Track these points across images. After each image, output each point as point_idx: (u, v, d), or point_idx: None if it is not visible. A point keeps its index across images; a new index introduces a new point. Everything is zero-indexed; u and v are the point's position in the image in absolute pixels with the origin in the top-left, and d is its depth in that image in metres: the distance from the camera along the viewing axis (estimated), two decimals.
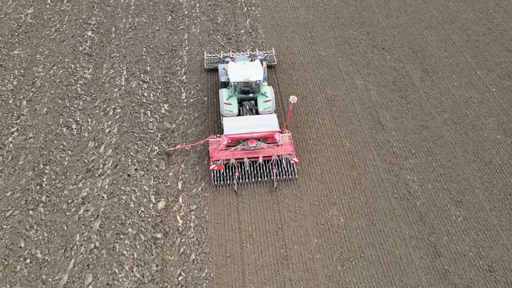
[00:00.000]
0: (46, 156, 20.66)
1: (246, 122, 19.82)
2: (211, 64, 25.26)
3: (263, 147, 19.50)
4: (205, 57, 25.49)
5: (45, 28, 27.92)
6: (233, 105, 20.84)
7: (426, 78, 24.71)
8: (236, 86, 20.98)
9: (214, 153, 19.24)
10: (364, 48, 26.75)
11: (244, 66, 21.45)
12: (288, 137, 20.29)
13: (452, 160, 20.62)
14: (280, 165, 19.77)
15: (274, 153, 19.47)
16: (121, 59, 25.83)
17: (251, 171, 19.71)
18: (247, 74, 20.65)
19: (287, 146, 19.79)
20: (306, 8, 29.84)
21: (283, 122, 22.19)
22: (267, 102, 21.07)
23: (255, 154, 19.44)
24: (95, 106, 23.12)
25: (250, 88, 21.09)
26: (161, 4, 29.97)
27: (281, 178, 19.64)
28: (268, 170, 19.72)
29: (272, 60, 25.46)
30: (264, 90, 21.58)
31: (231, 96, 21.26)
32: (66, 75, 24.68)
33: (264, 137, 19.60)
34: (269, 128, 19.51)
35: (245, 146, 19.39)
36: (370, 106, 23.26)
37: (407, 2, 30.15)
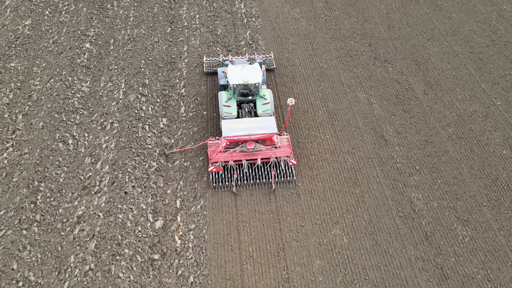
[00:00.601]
0: (41, 173, 20.02)
1: (245, 124, 19.91)
2: (210, 68, 25.14)
3: (261, 149, 19.48)
4: (205, 61, 25.39)
5: (42, 40, 27.37)
6: (232, 107, 20.87)
7: (429, 91, 24.12)
8: (235, 88, 21.10)
9: (213, 155, 19.17)
10: (366, 60, 26.18)
11: (243, 69, 21.45)
12: (286, 139, 20.18)
13: (457, 177, 19.96)
14: (279, 167, 19.71)
15: (273, 155, 19.41)
16: (120, 71, 25.25)
17: (249, 173, 19.64)
18: (246, 77, 20.76)
19: (285, 148, 19.71)
20: (307, 19, 29.32)
21: (281, 125, 22.01)
22: (266, 104, 21.10)
23: (253, 156, 19.42)
24: (92, 120, 22.50)
25: (249, 91, 21.28)
26: (161, 15, 29.46)
27: (279, 179, 19.59)
28: (267, 172, 19.70)
29: (271, 64, 25.32)
30: (263, 92, 21.59)
31: (230, 98, 21.29)
32: (63, 88, 24.09)
33: (262, 139, 19.64)
34: (267, 130, 19.57)
35: (244, 148, 19.39)
36: (372, 120, 22.64)
37: (409, 14, 29.64)
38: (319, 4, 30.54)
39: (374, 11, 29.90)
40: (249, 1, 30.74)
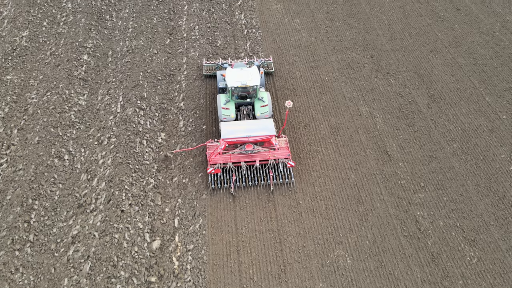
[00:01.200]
0: (36, 190, 19.34)
1: (243, 127, 19.90)
2: (209, 71, 25.03)
3: (259, 151, 19.42)
4: (204, 64, 25.25)
5: (40, 52, 26.78)
6: (230, 109, 20.89)
7: (433, 105, 23.48)
8: (234, 91, 21.12)
9: (211, 156, 19.14)
10: (368, 72, 25.57)
11: (241, 71, 21.46)
12: (284, 142, 20.13)
13: (463, 194, 19.28)
14: (277, 169, 19.67)
15: (271, 157, 19.34)
16: (117, 84, 24.64)
17: (248, 174, 19.59)
18: (244, 79, 20.80)
19: (283, 150, 19.68)
20: (308, 30, 28.75)
21: (280, 127, 21.89)
22: (264, 107, 21.11)
23: (252, 158, 19.38)
24: (89, 135, 21.84)
25: (247, 93, 21.22)
26: (160, 27, 28.90)
27: (277, 181, 19.52)
28: (265, 174, 19.65)
29: (270, 67, 25.26)
30: (261, 95, 21.56)
31: (228, 101, 21.31)
32: (60, 101, 23.47)
33: (261, 141, 19.61)
34: (265, 132, 19.55)
35: (242, 150, 19.30)
36: (375, 135, 21.98)
37: (411, 25, 29.08)
38: (320, 15, 30.00)
39: (375, 22, 29.35)
40: (249, 12, 30.21)
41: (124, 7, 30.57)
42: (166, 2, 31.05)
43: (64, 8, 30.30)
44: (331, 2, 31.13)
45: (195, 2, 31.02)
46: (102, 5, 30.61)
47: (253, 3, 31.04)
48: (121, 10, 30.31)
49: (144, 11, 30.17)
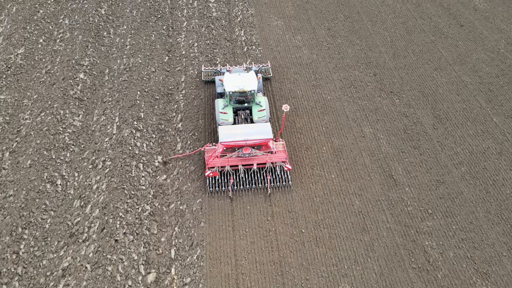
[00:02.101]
0: (26, 218, 18.28)
1: (241, 130, 19.94)
2: (208, 77, 25.10)
3: (257, 154, 19.34)
4: (203, 70, 25.30)
5: (35, 70, 25.88)
6: (228, 114, 20.92)
7: (439, 126, 22.51)
8: (232, 95, 21.20)
9: (209, 160, 19.07)
10: (371, 91, 24.64)
11: (239, 76, 21.58)
12: (282, 145, 20.06)
13: (473, 222, 18.23)
14: (274, 172, 19.55)
15: (268, 160, 19.27)
16: (114, 104, 23.69)
17: (245, 178, 19.45)
18: (242, 84, 20.92)
19: (280, 153, 19.60)
20: (309, 47, 27.89)
21: (277, 131, 21.93)
22: (262, 111, 21.14)
23: (249, 161, 19.30)
24: (83, 158, 20.84)
25: (245, 98, 21.32)
26: (158, 44, 28.03)
27: (274, 184, 19.35)
28: (263, 177, 19.48)
29: (267, 73, 25.21)
30: (259, 100, 21.59)
31: (226, 105, 21.40)
32: (54, 122, 22.50)
33: (258, 144, 19.56)
34: (263, 136, 19.54)
35: (240, 153, 19.26)
36: (380, 158, 20.98)
37: (414, 41, 28.21)
38: (321, 31, 29.16)
39: (378, 39, 28.49)
40: (249, 28, 29.38)
41: (122, 23, 29.75)
42: (165, 18, 30.24)
43: (61, 25, 29.48)
44: (332, 18, 30.32)
45: (194, 18, 30.21)
46: (99, 21, 29.79)
47: (253, 19, 30.23)
48: (119, 26, 29.48)
49: (142, 27, 29.34)
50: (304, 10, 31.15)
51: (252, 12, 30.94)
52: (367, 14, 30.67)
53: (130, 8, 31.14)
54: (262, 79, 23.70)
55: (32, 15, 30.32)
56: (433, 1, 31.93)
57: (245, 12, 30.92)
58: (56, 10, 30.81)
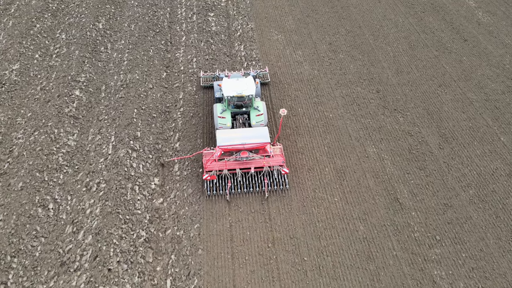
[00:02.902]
0: (16, 245, 17.31)
1: (239, 134, 19.92)
2: (206, 82, 25.04)
3: (254, 158, 19.25)
4: (201, 76, 25.26)
5: (30, 87, 25.05)
6: (226, 118, 20.99)
7: (445, 145, 21.61)
8: (230, 100, 21.19)
9: (207, 163, 19.04)
10: (374, 109, 23.78)
11: (237, 81, 21.63)
12: (279, 149, 19.99)
13: (484, 250, 17.26)
14: (272, 176, 19.49)
15: (266, 164, 19.19)
16: (110, 122, 22.82)
17: (243, 181, 19.40)
18: (240, 89, 20.94)
19: (278, 157, 19.53)
20: (310, 62, 27.08)
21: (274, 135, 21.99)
22: (260, 116, 21.16)
23: (247, 165, 19.22)
24: (77, 181, 19.91)
25: (243, 103, 21.33)
26: (156, 59, 27.22)
27: (272, 188, 19.27)
28: (260, 181, 19.42)
29: (265, 78, 25.20)
30: (257, 104, 21.63)
31: (224, 110, 21.43)
32: (47, 142, 21.61)
33: (255, 148, 19.57)
34: (260, 140, 19.59)
35: (238, 157, 19.17)
36: (385, 180, 20.06)
37: (417, 57, 27.41)
38: (322, 46, 28.37)
39: (380, 54, 27.69)
40: (249, 43, 28.60)
41: (120, 38, 28.98)
42: (163, 33, 29.48)
43: (58, 39, 28.70)
44: (333, 33, 29.56)
45: (193, 33, 29.45)
46: (97, 35, 29.03)
47: (253, 34, 29.47)
48: (116, 41, 28.71)
49: (140, 42, 28.55)
50: (304, 24, 30.41)
51: (252, 26, 30.20)
52: (369, 28, 29.92)
53: (128, 22, 30.40)
54: (260, 84, 23.77)
55: (29, 29, 29.56)
56: (435, 15, 31.21)
57: (245, 26, 30.18)
58: (53, 25, 30.06)
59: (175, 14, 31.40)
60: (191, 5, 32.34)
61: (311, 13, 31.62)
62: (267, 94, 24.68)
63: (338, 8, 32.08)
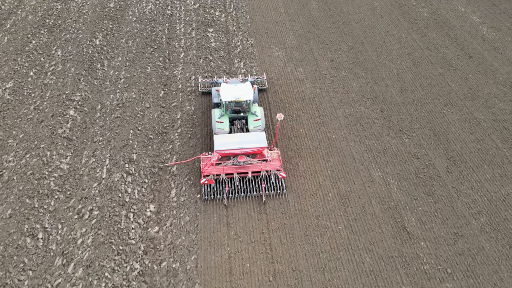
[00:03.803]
0: (2, 279, 16.17)
1: (236, 139, 19.87)
2: (205, 88, 24.95)
3: (252, 163, 19.25)
4: (200, 81, 25.11)
5: (23, 106, 24.06)
6: (224, 123, 20.96)
7: (453, 169, 20.55)
8: (228, 105, 21.23)
9: (204, 168, 18.93)
10: (378, 129, 22.76)
11: (235, 87, 21.64)
12: (276, 154, 19.94)
13: (498, 284, 16.11)
14: (269, 180, 19.43)
15: (263, 168, 19.15)
16: (105, 144, 21.78)
17: (240, 186, 19.36)
18: (238, 94, 20.98)
19: (275, 161, 19.46)
20: (312, 80, 26.12)
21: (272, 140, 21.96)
22: (257, 121, 21.22)
23: (244, 169, 19.20)
24: (69, 207, 18.81)
25: (241, 108, 21.33)
26: (154, 77, 26.27)
27: (269, 193, 19.20)
28: (257, 185, 19.39)
29: (263, 84, 25.17)
30: (254, 110, 21.66)
31: (222, 115, 21.41)
32: (39, 165, 20.57)
33: (253, 153, 19.53)
34: (258, 144, 19.53)
35: (235, 162, 19.15)
36: (391, 206, 18.97)
37: (422, 74, 26.46)
38: (324, 63, 27.44)
39: (384, 71, 26.75)
40: (249, 59, 27.67)
41: (117, 54, 28.06)
42: (162, 49, 28.57)
43: (54, 56, 27.78)
44: (335, 49, 28.65)
45: (192, 49, 28.54)
46: (94, 52, 28.12)
47: (253, 50, 28.56)
48: (113, 58, 27.78)
49: (137, 59, 27.64)
50: (306, 40, 29.52)
51: (252, 42, 29.31)
52: (371, 45, 29.02)
53: (126, 38, 29.52)
54: (257, 90, 23.84)
55: (24, 45, 28.69)
56: (439, 30, 30.34)
57: (244, 42, 29.28)
58: (49, 41, 29.17)
59: (174, 30, 30.54)
60: (190, 21, 31.50)
61: (312, 28, 30.77)
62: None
63: (340, 23, 31.23)
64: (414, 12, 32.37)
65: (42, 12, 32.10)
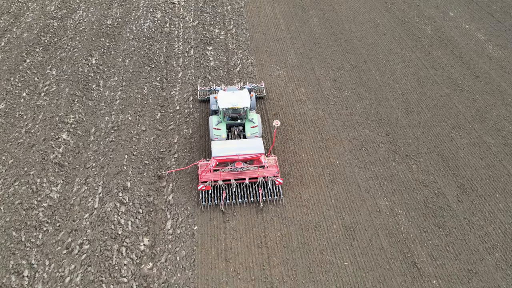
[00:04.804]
0: None
1: (233, 145, 19.83)
2: (203, 95, 24.89)
3: (249, 169, 19.09)
4: (199, 89, 25.14)
5: (14, 129, 22.91)
6: (222, 130, 20.89)
7: (463, 198, 19.33)
8: (225, 112, 21.17)
9: (202, 173, 18.75)
10: (384, 154, 21.58)
11: (232, 94, 21.63)
12: (273, 160, 19.82)
13: None
14: (266, 186, 19.24)
15: (260, 174, 18.95)
16: (98, 170, 20.59)
17: (238, 192, 19.15)
18: (235, 101, 20.97)
19: (272, 168, 19.34)
20: (314, 101, 25.00)
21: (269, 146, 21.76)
22: (254, 127, 21.12)
23: (241, 176, 19.01)
24: (58, 241, 17.54)
25: (238, 115, 21.29)
26: (151, 97, 25.16)
27: (266, 199, 19.00)
28: (254, 191, 19.20)
29: (261, 92, 25.04)
30: (252, 117, 21.61)
31: (220, 122, 21.30)
32: (28, 194, 19.35)
33: (250, 159, 19.43)
34: (255, 151, 19.46)
35: (232, 168, 19.05)
36: (400, 239, 17.70)
37: (427, 95, 25.35)
38: (326, 83, 26.35)
39: (388, 91, 25.64)
40: (249, 79, 26.48)
41: (113, 74, 26.99)
42: (159, 68, 27.52)
43: (48, 76, 26.71)
44: (337, 68, 27.59)
45: (190, 68, 27.48)
46: (89, 71, 27.05)
47: (253, 69, 27.49)
48: (109, 77, 26.70)
49: (134, 78, 26.56)
50: (307, 59, 28.47)
51: (252, 61, 28.27)
52: (375, 64, 27.97)
53: (122, 57, 28.48)
54: (255, 97, 23.63)
55: (18, 64, 27.64)
56: (443, 48, 29.31)
57: (244, 61, 28.23)
58: (44, 60, 28.13)
59: (172, 48, 29.52)
60: (189, 38, 30.50)
61: (313, 46, 29.75)
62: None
63: (342, 41, 30.23)
64: (417, 30, 31.40)
65: (38, 30, 31.13)
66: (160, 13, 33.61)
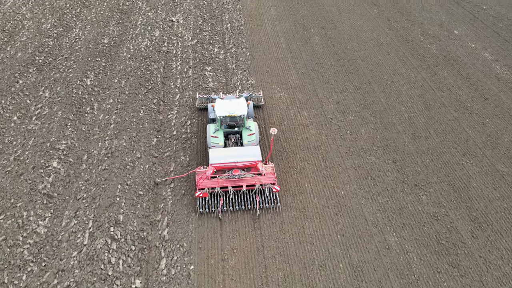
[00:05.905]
0: None
1: (231, 153, 19.73)
2: (202, 104, 24.64)
3: (246, 176, 18.91)
4: (197, 97, 24.87)
5: (2, 156, 21.55)
6: (219, 137, 20.74)
7: (478, 233, 17.90)
8: (223, 120, 21.10)
9: (200, 180, 18.63)
10: (391, 184, 20.20)
11: (230, 102, 21.58)
12: (271, 168, 19.61)
13: None
14: (263, 194, 19.02)
15: (257, 182, 18.79)
16: (89, 202, 19.19)
17: (235, 199, 18.94)
18: (232, 109, 20.89)
19: (269, 175, 19.13)
20: (317, 125, 23.69)
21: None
22: (251, 135, 20.96)
23: (239, 183, 18.85)
24: (42, 283, 16.04)
25: (235, 123, 21.23)
26: (146, 121, 23.86)
27: (263, 206, 18.74)
28: (252, 198, 18.97)
29: (259, 101, 24.86)
30: (249, 124, 21.42)
31: (217, 129, 21.20)
32: (13, 229, 17.93)
33: (247, 166, 19.32)
34: (252, 158, 19.39)
35: (230, 175, 18.87)
36: (412, 281, 16.23)
37: (435, 118, 24.05)
38: (329, 105, 25.08)
39: (394, 115, 24.35)
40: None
41: (108, 96, 25.73)
42: (156, 90, 26.27)
43: (41, 98, 25.45)
44: (341, 90, 26.34)
45: (188, 90, 26.24)
46: (83, 93, 25.80)
47: (253, 90, 26.21)
48: (104, 100, 25.43)
49: (130, 101, 25.29)
50: (309, 80, 27.25)
51: (253, 81, 27.04)
52: (379, 85, 26.73)
53: (118, 78, 27.25)
54: (252, 105, 23.36)
55: (10, 86, 26.43)
56: (450, 69, 28.11)
57: (244, 82, 27.01)
58: (37, 81, 26.91)
59: (170, 68, 28.31)
60: (187, 58, 29.33)
61: (316, 66, 28.56)
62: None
63: (345, 61, 29.04)
64: (422, 49, 30.24)
65: (32, 49, 29.98)
66: (158, 32, 32.52)
